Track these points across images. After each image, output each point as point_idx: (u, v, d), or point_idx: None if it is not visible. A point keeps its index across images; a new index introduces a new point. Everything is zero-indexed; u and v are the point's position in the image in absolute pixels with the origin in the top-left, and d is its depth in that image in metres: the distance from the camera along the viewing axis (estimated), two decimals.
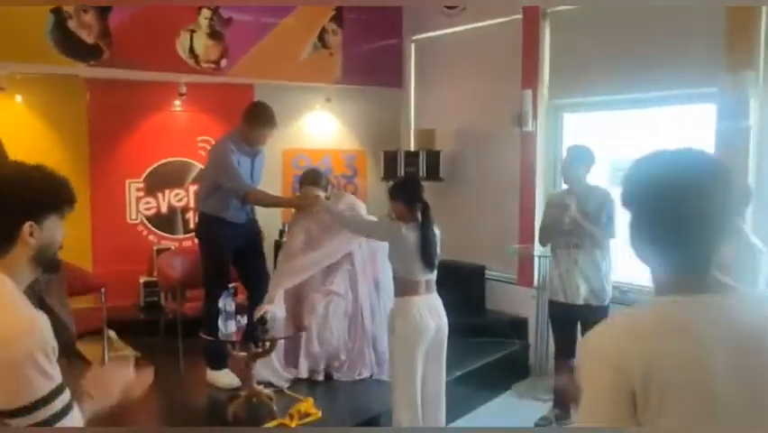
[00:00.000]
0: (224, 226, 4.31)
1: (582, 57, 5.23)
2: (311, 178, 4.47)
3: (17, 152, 5.39)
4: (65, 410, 1.53)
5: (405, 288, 3.52)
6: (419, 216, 3.52)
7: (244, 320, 4.01)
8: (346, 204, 4.55)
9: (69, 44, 5.08)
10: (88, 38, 5.14)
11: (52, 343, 1.53)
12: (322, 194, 4.32)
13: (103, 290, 4.74)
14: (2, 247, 1.57)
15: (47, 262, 1.65)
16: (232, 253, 4.37)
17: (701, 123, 4.47)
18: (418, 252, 3.46)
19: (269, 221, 6.42)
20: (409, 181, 3.98)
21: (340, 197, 4.68)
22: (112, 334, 4.99)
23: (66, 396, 1.54)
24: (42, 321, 1.53)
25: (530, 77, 5.50)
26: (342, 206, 4.47)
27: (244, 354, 3.95)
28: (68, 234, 1.69)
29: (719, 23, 4.18)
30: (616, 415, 1.19)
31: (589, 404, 1.23)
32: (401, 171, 6.32)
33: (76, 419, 1.56)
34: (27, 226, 1.57)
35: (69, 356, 1.89)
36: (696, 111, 4.60)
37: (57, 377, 1.53)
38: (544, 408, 4.60)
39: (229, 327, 3.83)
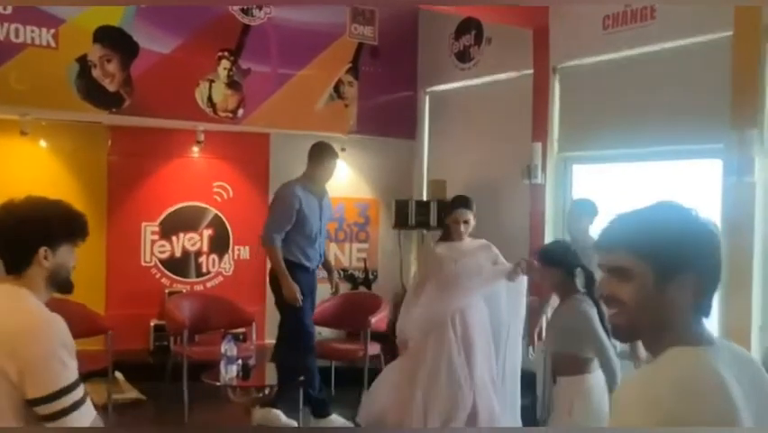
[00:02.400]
0: (299, 271, 4.46)
1: (591, 111, 5.29)
2: (462, 201, 4.35)
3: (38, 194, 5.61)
4: (83, 399, 1.80)
5: (581, 366, 3.03)
6: (578, 284, 3.12)
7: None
8: (487, 256, 4.27)
9: (93, 92, 5.28)
10: (111, 86, 5.34)
11: (71, 341, 1.83)
12: (471, 217, 4.22)
13: (110, 332, 4.79)
14: (21, 267, 1.86)
15: (60, 283, 1.93)
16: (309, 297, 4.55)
17: (708, 178, 4.48)
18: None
19: None
20: (564, 245, 3.47)
21: (483, 246, 4.38)
22: (119, 375, 5.03)
23: (82, 387, 1.82)
24: (61, 322, 1.83)
25: (540, 130, 5.57)
26: (483, 257, 4.22)
27: (245, 399, 3.96)
28: (83, 276, 2.00)
29: (726, 79, 4.23)
30: None
31: None
32: (412, 220, 6.37)
33: (90, 407, 1.82)
34: (42, 250, 1.85)
35: None
36: (702, 166, 4.61)
37: (76, 370, 1.81)
38: None
39: (230, 372, 3.85)
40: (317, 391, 4.63)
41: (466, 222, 4.11)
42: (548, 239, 5.59)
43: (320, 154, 4.55)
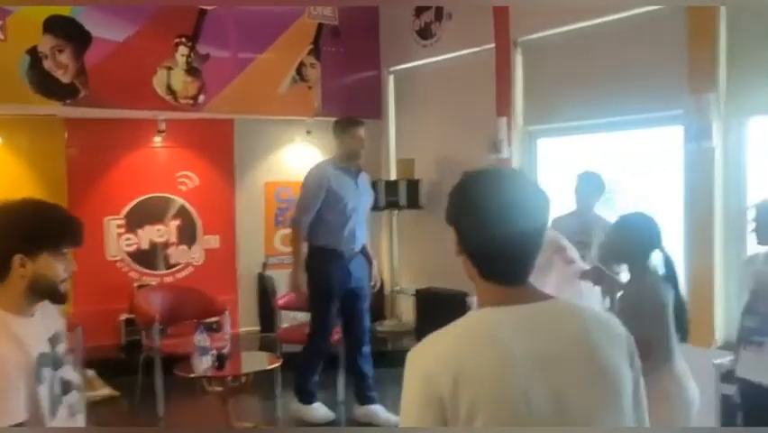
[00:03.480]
0: (332, 258, 4.23)
1: (553, 84, 5.31)
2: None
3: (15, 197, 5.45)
4: None
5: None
6: (650, 265, 2.86)
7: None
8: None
9: (45, 84, 5.13)
10: (64, 77, 5.19)
11: (17, 383, 1.65)
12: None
13: (79, 328, 4.71)
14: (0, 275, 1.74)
15: (44, 293, 1.80)
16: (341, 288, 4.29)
17: (671, 144, 4.53)
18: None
19: (251, 251, 6.45)
20: (648, 218, 3.00)
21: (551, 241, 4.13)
22: (91, 373, 4.95)
23: None
24: (13, 358, 1.66)
25: (504, 104, 5.58)
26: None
27: (220, 389, 3.93)
28: None
29: (683, 47, 4.27)
30: (423, 423, 1.22)
31: (402, 412, 1.28)
32: (382, 201, 6.36)
33: None
34: (17, 258, 1.73)
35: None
36: (666, 133, 4.66)
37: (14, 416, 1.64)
38: None
39: (204, 363, 3.82)
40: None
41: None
42: None
43: (342, 128, 4.31)
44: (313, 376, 4.43)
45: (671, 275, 2.82)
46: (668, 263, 2.83)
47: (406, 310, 6.49)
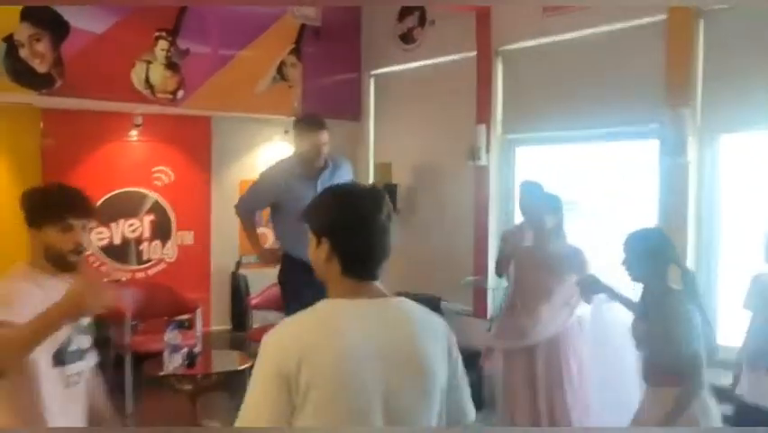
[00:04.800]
0: (299, 269, 3.70)
1: (533, 93, 5.37)
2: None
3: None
4: None
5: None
6: (669, 282, 2.78)
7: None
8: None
9: (21, 73, 5.03)
10: (40, 67, 5.09)
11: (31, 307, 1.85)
12: (550, 217, 3.76)
13: None
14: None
15: (55, 262, 2.05)
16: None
17: (646, 158, 4.61)
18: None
19: (225, 249, 6.40)
20: (661, 234, 2.97)
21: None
22: None
23: None
24: (36, 299, 1.90)
25: (484, 112, 5.62)
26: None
27: (190, 387, 3.89)
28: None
29: (660, 60, 4.35)
30: (267, 396, 1.41)
31: (250, 385, 1.44)
32: None
33: None
34: (31, 231, 2.06)
35: None
36: (641, 147, 4.74)
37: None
38: None
39: (174, 361, 3.78)
40: None
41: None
42: (492, 220, 5.67)
43: (299, 129, 3.88)
44: None
45: (692, 291, 2.71)
46: (690, 280, 2.73)
47: None
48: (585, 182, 5.07)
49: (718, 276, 4.22)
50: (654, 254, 2.75)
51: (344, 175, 3.93)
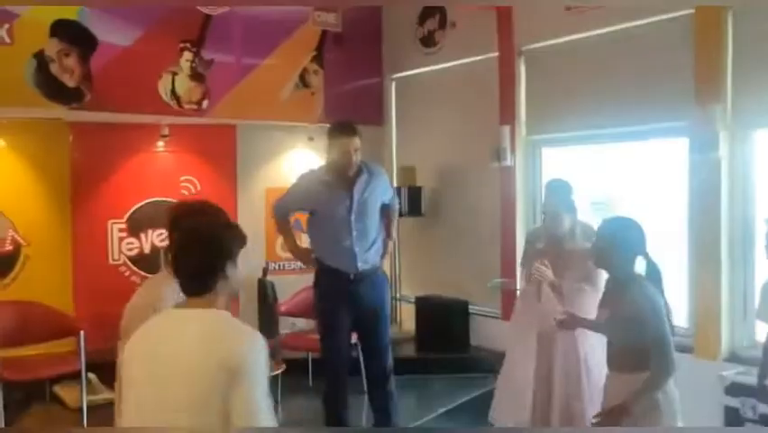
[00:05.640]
0: (334, 278, 3.68)
1: (558, 93, 5.33)
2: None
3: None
4: None
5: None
6: (635, 271, 2.81)
7: None
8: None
9: (52, 88, 5.12)
10: (70, 81, 5.18)
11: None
12: (568, 218, 3.60)
13: (82, 332, 4.70)
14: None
15: None
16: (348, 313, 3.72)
17: (675, 156, 4.56)
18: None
19: (252, 256, 6.44)
20: (631, 222, 2.88)
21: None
22: (92, 377, 4.93)
23: None
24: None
25: (507, 113, 5.60)
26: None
27: None
28: (49, 277, 2.21)
29: (689, 57, 4.29)
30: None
31: (260, 391, 1.76)
32: None
33: None
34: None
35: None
36: (670, 144, 4.68)
37: None
38: None
39: None
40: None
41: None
42: (519, 221, 5.64)
43: (330, 136, 3.70)
44: (337, 411, 3.86)
45: (656, 280, 2.74)
46: (653, 269, 2.76)
47: (407, 318, 6.48)
48: (614, 182, 5.03)
49: (755, 274, 4.15)
50: (623, 244, 2.75)
51: (381, 184, 3.79)
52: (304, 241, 4.41)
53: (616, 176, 5.04)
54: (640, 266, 2.80)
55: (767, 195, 4.12)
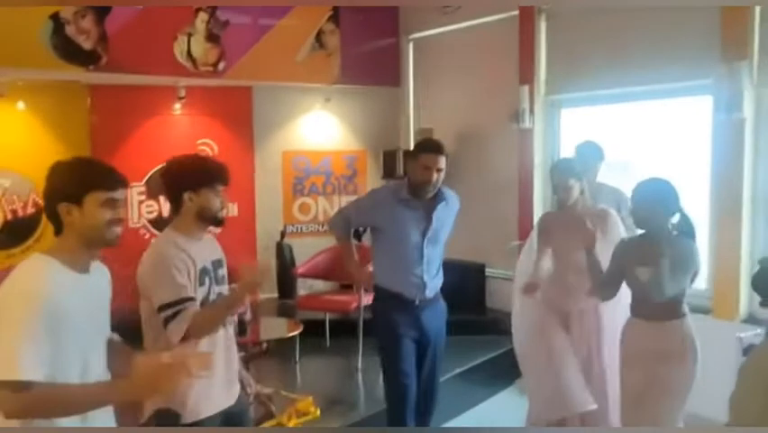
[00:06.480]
0: (397, 304, 3.36)
1: (578, 52, 5.22)
2: (565, 166, 3.54)
3: (20, 157, 5.51)
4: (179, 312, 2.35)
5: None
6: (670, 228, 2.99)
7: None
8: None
9: (68, 50, 5.12)
10: (86, 43, 5.17)
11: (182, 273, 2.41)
12: (577, 186, 3.48)
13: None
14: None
15: (207, 220, 2.51)
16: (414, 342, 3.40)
17: (698, 115, 4.46)
18: None
19: (270, 219, 6.48)
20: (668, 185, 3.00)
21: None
22: (116, 337, 5.03)
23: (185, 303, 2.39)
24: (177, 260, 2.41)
25: (527, 73, 5.50)
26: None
27: (241, 354, 3.97)
28: None
29: (714, 14, 4.17)
30: None
31: None
32: (400, 171, 6.34)
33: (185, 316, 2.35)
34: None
35: None
36: (693, 103, 4.58)
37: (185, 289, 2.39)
38: None
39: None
40: None
41: (440, 170, 3.29)
42: (537, 183, 5.58)
43: (413, 153, 3.39)
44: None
45: (691, 234, 2.94)
46: (687, 223, 2.94)
47: None
48: (636, 142, 4.94)
49: None
50: (660, 204, 2.91)
51: (454, 213, 3.50)
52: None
53: (637, 136, 4.95)
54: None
55: None
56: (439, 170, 3.25)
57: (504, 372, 5.18)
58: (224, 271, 2.58)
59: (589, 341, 3.54)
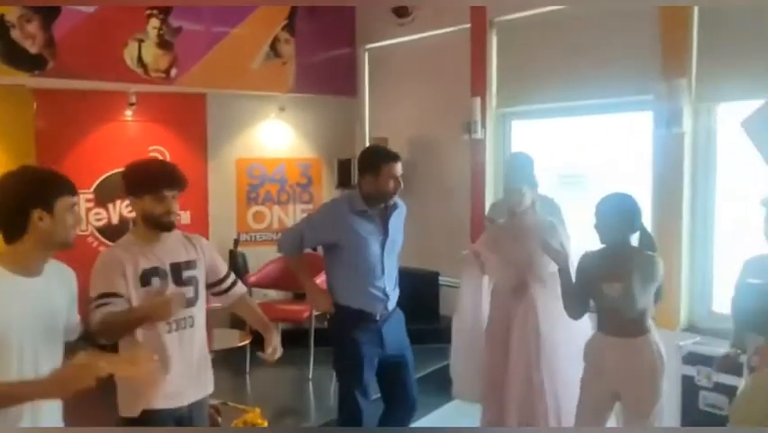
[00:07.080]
0: (358, 320, 3.27)
1: (528, 65, 5.34)
2: (521, 173, 3.54)
3: None
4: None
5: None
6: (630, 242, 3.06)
7: None
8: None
9: (13, 54, 4.99)
10: (32, 48, 5.05)
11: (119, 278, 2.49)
12: (529, 193, 3.49)
13: None
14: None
15: (152, 225, 2.54)
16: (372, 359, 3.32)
17: (640, 130, 4.60)
18: None
19: (222, 228, 6.42)
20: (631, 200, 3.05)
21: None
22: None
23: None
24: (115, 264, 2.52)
25: (478, 85, 5.59)
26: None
27: None
28: None
29: (656, 33, 4.32)
30: None
31: None
32: (354, 179, 6.36)
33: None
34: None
35: None
36: (636, 118, 4.72)
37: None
38: None
39: None
40: None
41: (399, 176, 3.28)
42: (489, 193, 5.68)
43: (370, 159, 3.29)
44: None
45: (652, 248, 2.97)
46: (648, 239, 3.00)
47: None
48: (582, 155, 5.06)
49: (714, 246, 4.25)
50: (626, 218, 2.93)
51: (403, 214, 3.46)
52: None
53: (584, 149, 5.08)
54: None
55: (729, 169, 4.19)
56: (399, 177, 3.24)
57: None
58: (192, 273, 2.59)
59: (529, 347, 3.60)
